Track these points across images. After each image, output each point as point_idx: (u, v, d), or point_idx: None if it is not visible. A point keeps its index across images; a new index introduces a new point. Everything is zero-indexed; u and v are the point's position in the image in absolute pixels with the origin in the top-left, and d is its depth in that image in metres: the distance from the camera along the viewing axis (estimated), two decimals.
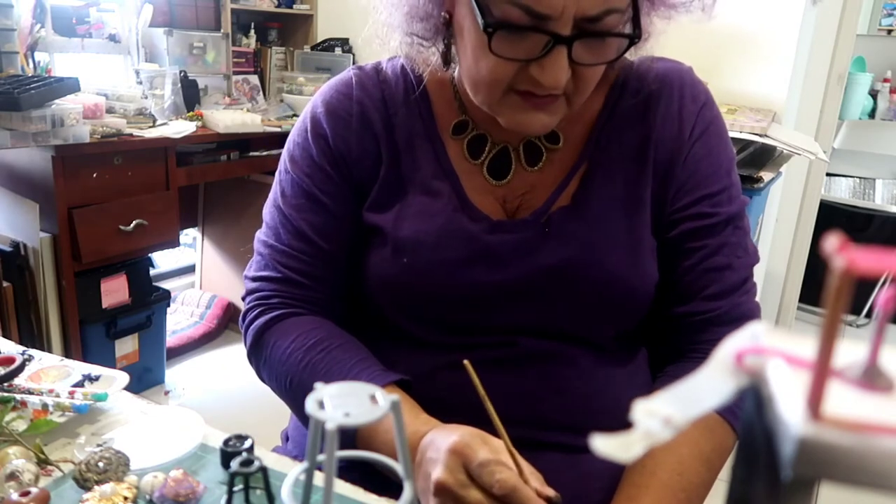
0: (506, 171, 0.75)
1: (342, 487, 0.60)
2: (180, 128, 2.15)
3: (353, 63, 2.86)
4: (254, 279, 0.79)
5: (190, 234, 2.96)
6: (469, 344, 0.72)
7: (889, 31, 3.70)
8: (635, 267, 0.72)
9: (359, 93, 0.77)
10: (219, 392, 2.34)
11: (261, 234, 0.80)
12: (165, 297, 2.25)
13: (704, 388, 0.27)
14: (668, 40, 0.70)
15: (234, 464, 0.55)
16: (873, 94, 3.63)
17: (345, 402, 0.39)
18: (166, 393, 2.29)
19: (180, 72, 2.43)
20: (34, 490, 0.54)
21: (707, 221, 0.73)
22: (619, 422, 0.28)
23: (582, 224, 0.72)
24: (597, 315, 0.72)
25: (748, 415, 0.28)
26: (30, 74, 2.01)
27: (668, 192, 0.74)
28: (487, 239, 0.72)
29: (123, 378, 0.73)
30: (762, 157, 2.02)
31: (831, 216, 3.15)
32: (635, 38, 0.63)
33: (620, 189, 0.73)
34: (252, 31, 3.00)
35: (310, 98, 0.85)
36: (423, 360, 0.73)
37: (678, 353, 0.75)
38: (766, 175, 1.83)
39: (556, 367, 0.72)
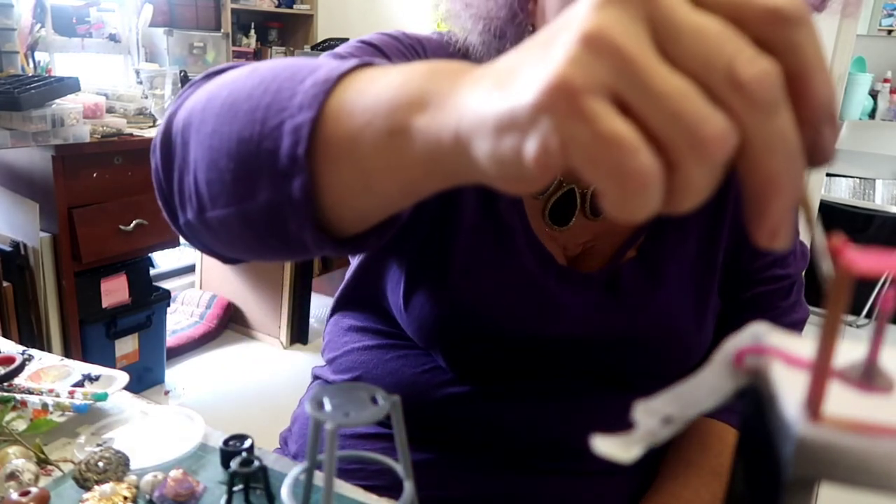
0: (566, 216, 0.67)
1: (342, 487, 0.60)
2: None
3: None
4: None
5: None
6: (499, 379, 0.68)
7: (889, 31, 3.70)
8: (700, 332, 0.69)
9: None
10: (219, 392, 2.34)
11: None
12: (165, 297, 2.25)
13: (704, 388, 0.27)
14: None
15: (234, 464, 0.55)
16: (873, 95, 3.63)
17: (345, 402, 0.39)
18: (166, 393, 2.29)
19: (180, 72, 2.43)
20: (34, 490, 0.54)
21: (780, 284, 0.73)
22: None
23: (652, 285, 0.67)
24: (648, 371, 0.69)
25: (748, 415, 0.28)
26: (30, 74, 2.01)
27: (743, 251, 0.71)
28: (554, 289, 0.66)
29: (123, 378, 0.73)
30: None
31: (831, 216, 3.15)
32: None
33: (693, 247, 0.69)
34: (252, 31, 3.01)
35: None
36: (433, 376, 0.69)
37: None
38: None
39: (590, 403, 0.68)
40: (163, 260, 2.97)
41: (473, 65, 0.31)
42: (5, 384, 0.69)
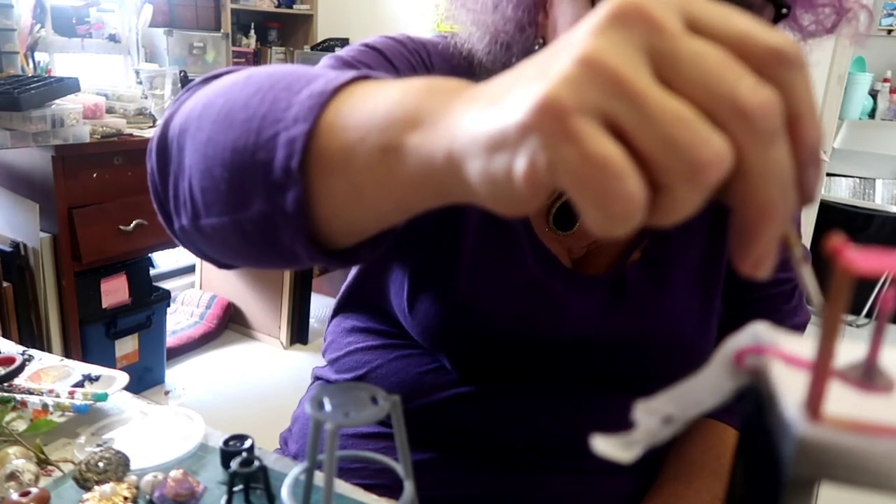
0: (570, 220, 0.67)
1: (342, 487, 0.60)
2: None
3: None
4: None
5: None
6: (503, 379, 0.68)
7: (889, 31, 3.70)
8: (704, 335, 0.69)
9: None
10: (219, 392, 2.34)
11: None
12: (165, 297, 2.25)
13: (705, 388, 0.27)
14: None
15: (234, 464, 0.55)
16: (873, 94, 3.62)
17: (345, 401, 0.39)
18: (166, 393, 2.29)
19: (180, 72, 2.43)
20: (34, 490, 0.54)
21: (783, 288, 0.73)
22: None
23: (658, 288, 0.67)
24: (651, 373, 0.69)
25: (748, 415, 0.28)
26: (30, 74, 2.01)
27: None
28: (560, 292, 0.65)
29: (123, 378, 0.73)
30: None
31: (831, 216, 3.15)
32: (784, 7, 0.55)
33: (698, 250, 0.69)
34: (252, 31, 3.01)
35: None
36: (437, 376, 0.68)
37: None
38: None
39: (593, 405, 0.68)
40: (163, 260, 2.97)
41: (472, 80, 0.31)
42: (5, 384, 0.69)
